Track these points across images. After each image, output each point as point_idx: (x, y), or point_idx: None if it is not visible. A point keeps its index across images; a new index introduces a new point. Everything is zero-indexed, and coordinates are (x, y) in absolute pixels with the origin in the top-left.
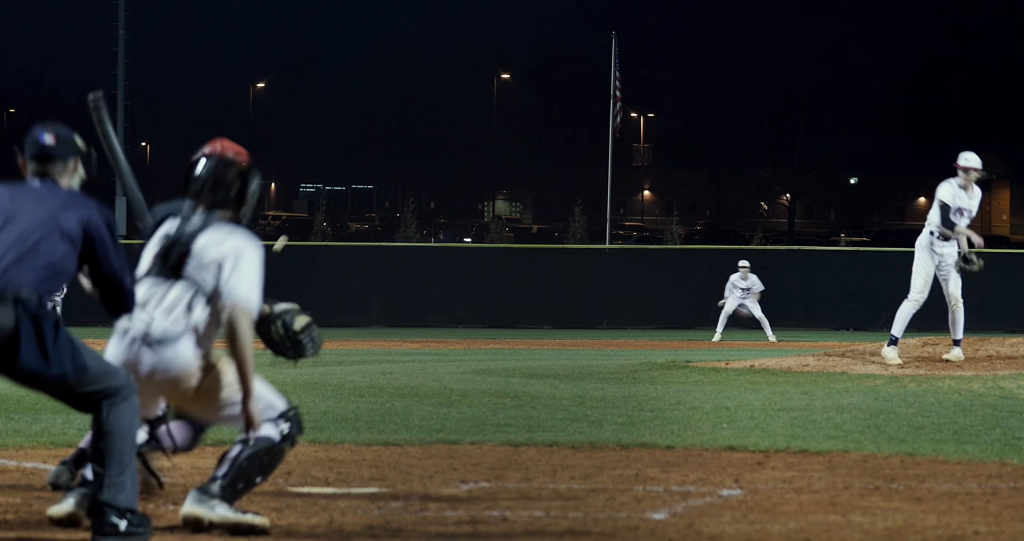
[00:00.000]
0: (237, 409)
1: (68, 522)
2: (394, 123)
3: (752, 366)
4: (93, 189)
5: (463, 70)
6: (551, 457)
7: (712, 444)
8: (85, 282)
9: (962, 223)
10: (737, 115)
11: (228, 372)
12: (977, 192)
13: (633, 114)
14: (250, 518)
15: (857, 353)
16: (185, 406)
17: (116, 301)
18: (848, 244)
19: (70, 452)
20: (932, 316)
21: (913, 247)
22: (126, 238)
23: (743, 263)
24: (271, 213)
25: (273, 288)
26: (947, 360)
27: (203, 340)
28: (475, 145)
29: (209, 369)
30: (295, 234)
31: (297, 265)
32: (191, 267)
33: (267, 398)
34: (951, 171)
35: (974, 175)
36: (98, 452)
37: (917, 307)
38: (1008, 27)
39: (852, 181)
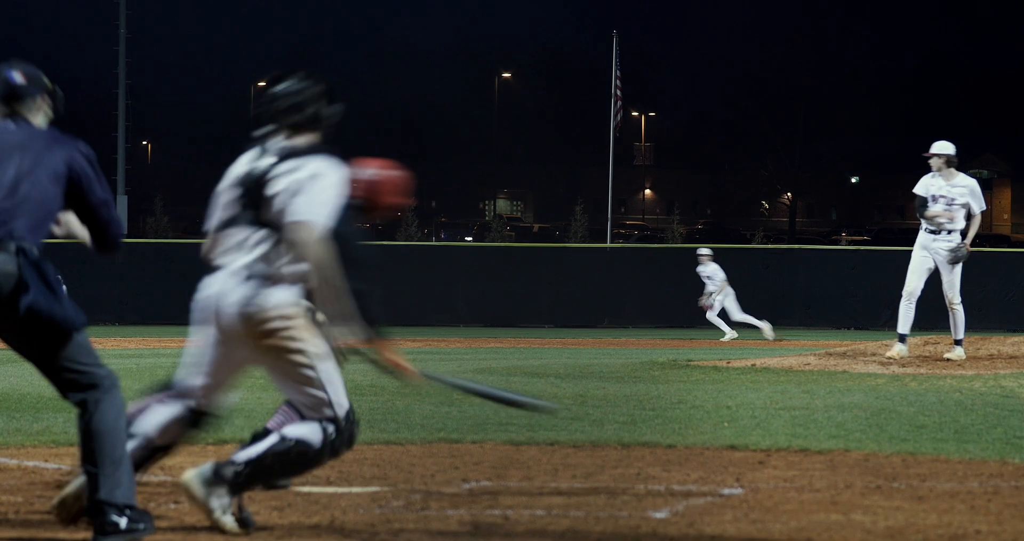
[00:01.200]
0: (306, 377)
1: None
2: (395, 121)
3: (753, 365)
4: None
5: (464, 68)
6: (552, 456)
7: (713, 443)
8: (57, 230)
9: (936, 209)
10: (738, 114)
11: (309, 337)
12: (959, 179)
13: (634, 113)
14: (227, 522)
15: (858, 352)
16: (266, 365)
17: (103, 235)
18: (849, 243)
19: (72, 450)
20: (933, 315)
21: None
22: (127, 237)
23: (701, 251)
24: None
25: None
26: (948, 359)
27: (289, 284)
28: (476, 144)
29: (293, 322)
30: None
31: None
32: (272, 203)
33: (332, 390)
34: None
35: (936, 161)
36: (89, 452)
37: (908, 300)
38: (1010, 26)
39: (853, 180)
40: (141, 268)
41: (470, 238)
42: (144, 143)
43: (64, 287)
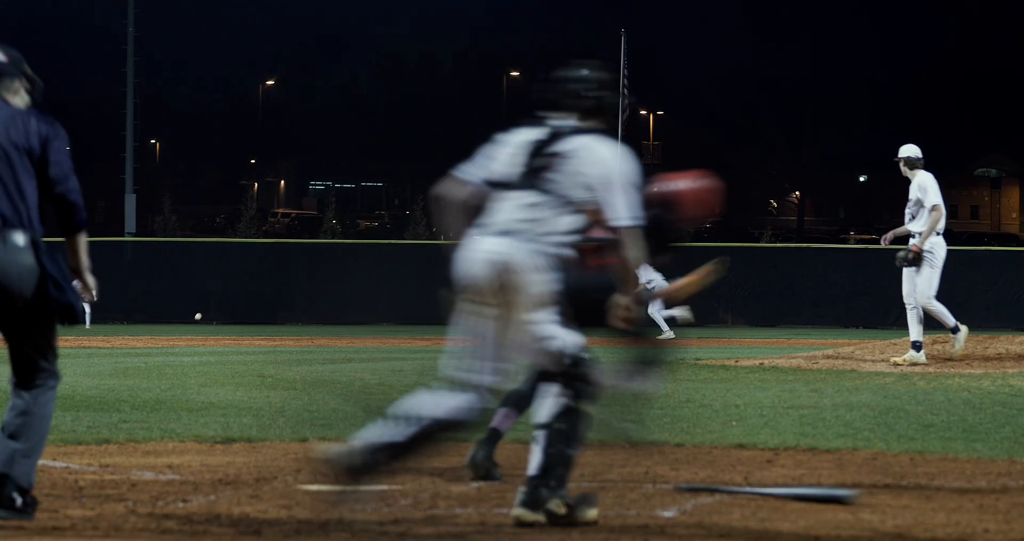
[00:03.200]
0: (539, 337)
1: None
2: (404, 120)
3: (761, 364)
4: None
5: (472, 67)
6: None
7: (721, 442)
8: None
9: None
10: (746, 112)
11: (552, 303)
12: (915, 178)
13: (642, 112)
14: (590, 514)
15: (867, 351)
16: (510, 326)
17: (67, 211)
18: (857, 242)
19: (80, 449)
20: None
21: (940, 246)
22: (135, 235)
23: None
24: (280, 210)
25: (283, 287)
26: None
27: (553, 247)
28: (484, 142)
29: (544, 285)
30: (304, 232)
31: (307, 262)
32: (555, 173)
33: (562, 344)
34: (958, 168)
35: (901, 164)
36: (16, 429)
37: (907, 307)
38: (1019, 24)
39: (861, 179)
40: (149, 266)
41: None
42: (152, 142)
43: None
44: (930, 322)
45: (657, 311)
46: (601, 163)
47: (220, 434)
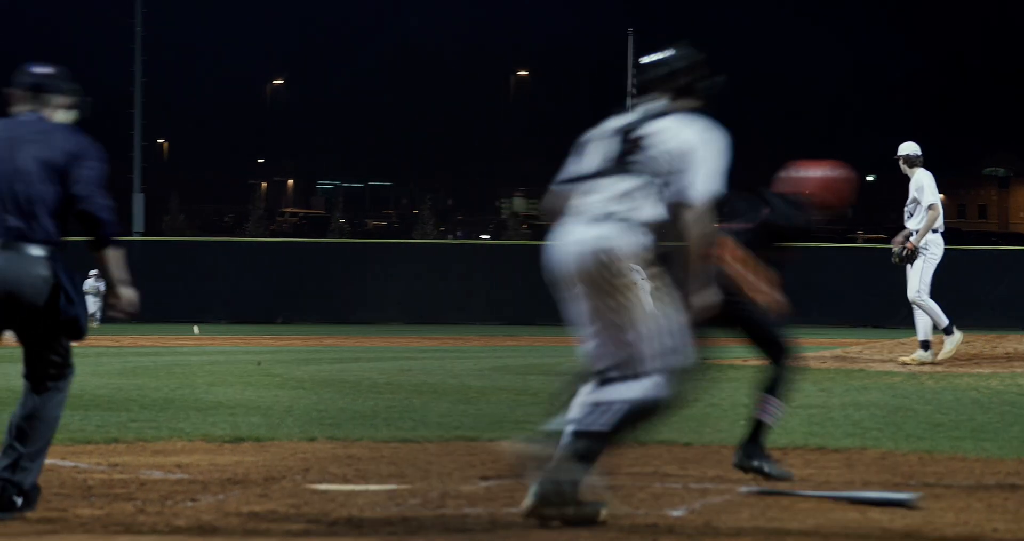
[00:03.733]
0: (626, 327)
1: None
2: (411, 120)
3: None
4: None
5: (480, 67)
6: None
7: (730, 441)
8: None
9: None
10: (753, 112)
11: (643, 289)
12: (914, 178)
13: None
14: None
15: (875, 350)
16: (597, 310)
17: (92, 226)
18: (865, 241)
19: (88, 448)
20: (949, 314)
21: (938, 244)
22: (143, 235)
23: None
24: (288, 210)
25: (289, 285)
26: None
27: (645, 232)
28: (493, 141)
29: (636, 268)
30: (312, 231)
31: (315, 262)
32: (643, 156)
33: (649, 346)
34: (966, 168)
35: (900, 161)
36: (22, 432)
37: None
38: None
39: (869, 178)
40: (158, 266)
41: (487, 236)
42: (160, 141)
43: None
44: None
45: None
46: (681, 139)
47: (229, 433)
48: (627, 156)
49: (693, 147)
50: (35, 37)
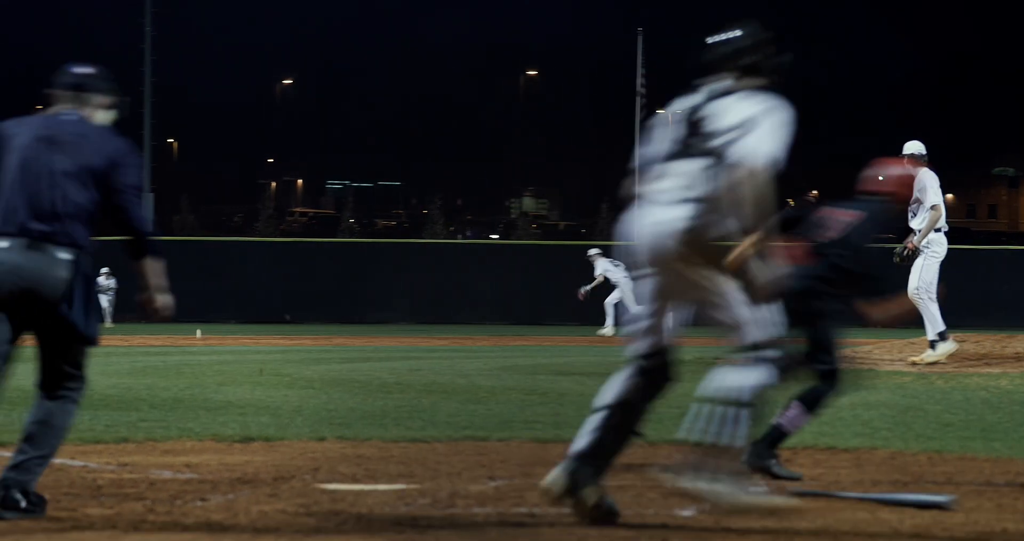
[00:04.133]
0: (719, 307)
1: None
2: (421, 119)
3: None
4: None
5: (489, 67)
6: None
7: None
8: None
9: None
10: None
11: (724, 270)
12: (918, 177)
13: (659, 111)
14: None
15: (885, 350)
16: (688, 297)
17: (133, 237)
18: (875, 240)
19: (98, 448)
20: (959, 313)
21: (940, 243)
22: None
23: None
24: (298, 209)
25: (299, 285)
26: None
27: (717, 214)
28: (502, 141)
29: (717, 251)
30: (322, 231)
31: (325, 261)
32: (707, 136)
33: (745, 316)
34: (975, 168)
35: (905, 161)
36: (31, 436)
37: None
38: None
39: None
40: (167, 266)
41: (496, 236)
42: (170, 141)
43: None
44: (953, 321)
45: (611, 305)
46: (743, 112)
47: (238, 433)
48: (693, 138)
49: (754, 116)
50: (44, 36)
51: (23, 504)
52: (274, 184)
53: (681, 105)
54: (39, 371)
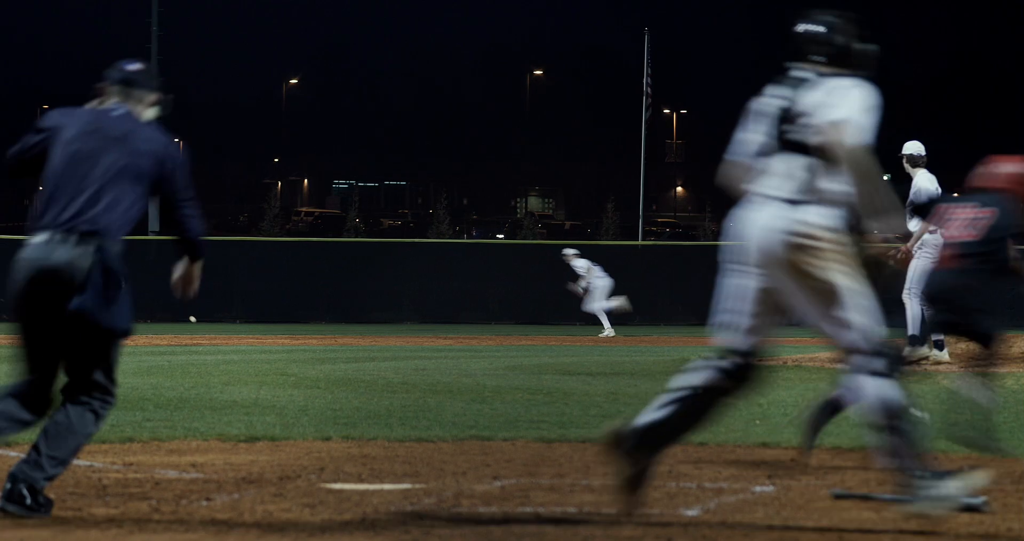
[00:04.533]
0: (833, 305)
1: None
2: (427, 119)
3: (785, 362)
4: None
5: (495, 66)
6: (584, 453)
7: (745, 441)
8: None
9: None
10: None
11: (841, 264)
12: (915, 178)
13: (665, 110)
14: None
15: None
16: (798, 296)
17: (183, 237)
18: (882, 241)
19: (103, 448)
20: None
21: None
22: (158, 233)
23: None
24: (303, 209)
25: (306, 285)
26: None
27: (831, 206)
28: (508, 141)
29: (830, 245)
30: (328, 231)
31: (330, 261)
32: (807, 126)
33: (859, 319)
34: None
35: (904, 161)
36: (48, 434)
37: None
38: None
39: (885, 178)
40: (172, 265)
41: (502, 235)
42: (175, 140)
43: (126, 290)
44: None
45: (599, 308)
46: (833, 97)
47: (243, 432)
48: (789, 133)
49: (844, 98)
50: (50, 36)
51: (28, 501)
52: (280, 184)
53: (772, 96)
54: (67, 375)
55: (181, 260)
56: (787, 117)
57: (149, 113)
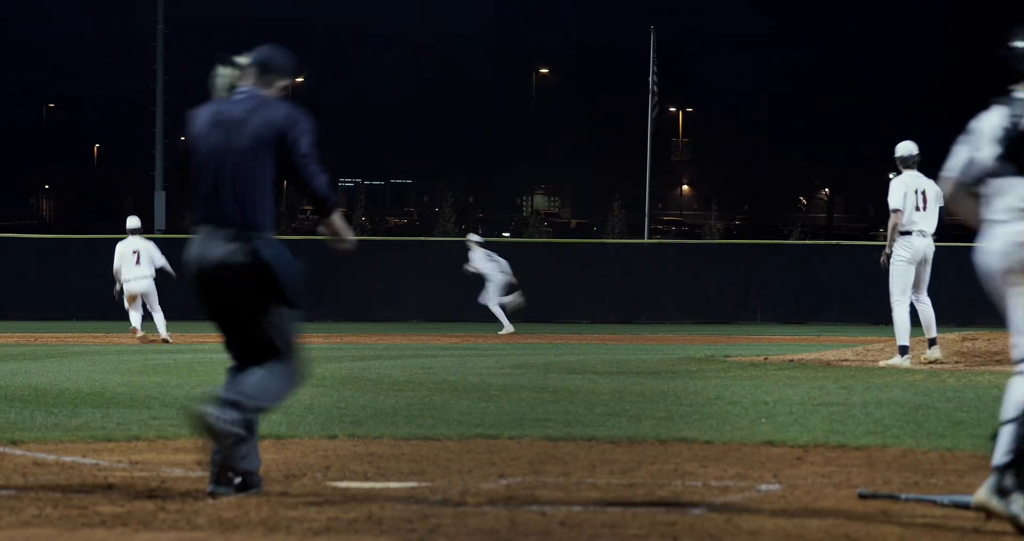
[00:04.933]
0: None
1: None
2: (432, 118)
3: (791, 361)
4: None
5: (501, 64)
6: (590, 452)
7: (751, 439)
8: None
9: None
10: (776, 109)
11: None
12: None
13: (671, 109)
14: None
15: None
16: None
17: (316, 202)
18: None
19: (109, 446)
20: (972, 311)
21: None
22: (164, 232)
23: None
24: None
25: (312, 284)
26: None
27: None
28: (513, 139)
29: None
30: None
31: (335, 259)
32: None
33: None
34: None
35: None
36: (236, 403)
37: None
38: None
39: (891, 176)
40: (178, 264)
41: (508, 234)
42: (182, 139)
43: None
44: (966, 319)
45: (493, 304)
46: None
47: (265, 430)
48: (1020, 154)
49: None
50: (56, 35)
51: (237, 481)
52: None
53: (998, 114)
54: (235, 351)
55: (321, 222)
56: (1014, 140)
57: (277, 92)
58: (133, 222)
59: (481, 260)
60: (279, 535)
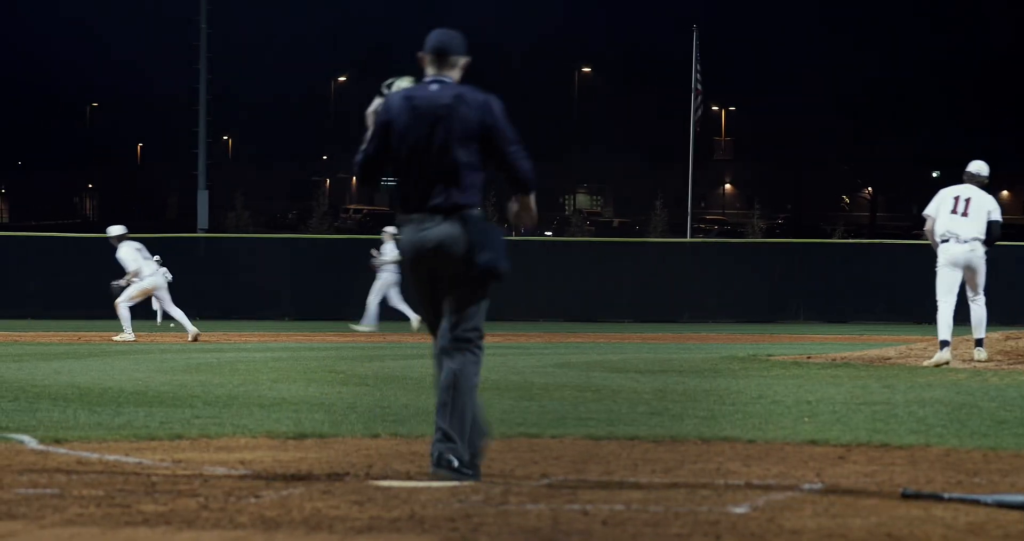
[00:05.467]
0: None
1: None
2: None
3: (834, 360)
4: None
5: (543, 63)
6: (632, 451)
7: (793, 438)
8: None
9: None
10: (818, 108)
11: None
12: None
13: (714, 107)
14: None
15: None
16: None
17: (516, 182)
18: None
19: (152, 445)
20: (1015, 310)
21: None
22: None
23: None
24: (352, 206)
25: (353, 281)
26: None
27: None
28: (556, 138)
29: None
30: (377, 227)
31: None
32: None
33: None
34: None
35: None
36: (444, 406)
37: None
38: None
39: (934, 175)
40: (222, 263)
41: (550, 233)
42: (225, 138)
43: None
44: (1010, 318)
45: (372, 299)
46: None
47: (292, 430)
48: None
49: None
50: (100, 34)
51: (455, 464)
52: (328, 181)
53: None
54: (443, 326)
55: (514, 196)
56: None
57: (459, 76)
58: (120, 229)
59: (393, 253)
60: (321, 534)
